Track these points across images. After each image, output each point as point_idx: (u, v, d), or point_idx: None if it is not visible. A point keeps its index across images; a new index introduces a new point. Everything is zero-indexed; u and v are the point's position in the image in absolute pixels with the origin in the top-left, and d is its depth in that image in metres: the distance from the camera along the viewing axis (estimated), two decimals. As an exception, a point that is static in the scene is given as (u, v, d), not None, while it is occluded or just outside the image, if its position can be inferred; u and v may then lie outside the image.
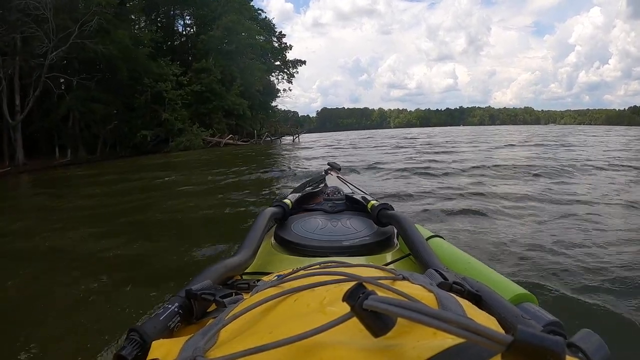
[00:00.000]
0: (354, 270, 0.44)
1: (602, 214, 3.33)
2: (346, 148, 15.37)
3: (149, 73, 19.91)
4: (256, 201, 4.59)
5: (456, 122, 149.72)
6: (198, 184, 6.54)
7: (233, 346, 0.31)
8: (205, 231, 3.61)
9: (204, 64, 22.65)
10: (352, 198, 1.29)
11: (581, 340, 0.33)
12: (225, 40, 23.90)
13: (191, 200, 4.98)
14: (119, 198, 5.57)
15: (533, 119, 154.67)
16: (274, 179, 6.66)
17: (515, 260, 2.28)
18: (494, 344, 0.21)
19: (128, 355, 0.42)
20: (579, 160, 7.64)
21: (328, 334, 0.28)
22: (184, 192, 5.78)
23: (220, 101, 23.03)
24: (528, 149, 11.66)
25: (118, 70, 19.74)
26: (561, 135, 21.45)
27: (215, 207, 4.46)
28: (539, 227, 3.01)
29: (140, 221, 4.12)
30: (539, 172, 5.92)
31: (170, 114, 20.53)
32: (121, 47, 19.12)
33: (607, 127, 56.71)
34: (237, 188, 5.82)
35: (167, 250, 2.90)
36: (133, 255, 2.84)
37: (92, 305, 1.96)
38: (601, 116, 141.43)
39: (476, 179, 5.64)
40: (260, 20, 33.11)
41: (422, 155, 10.21)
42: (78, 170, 13.15)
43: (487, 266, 0.76)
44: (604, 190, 4.50)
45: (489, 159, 8.51)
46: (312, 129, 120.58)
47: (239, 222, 3.66)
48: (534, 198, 4.06)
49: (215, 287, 0.57)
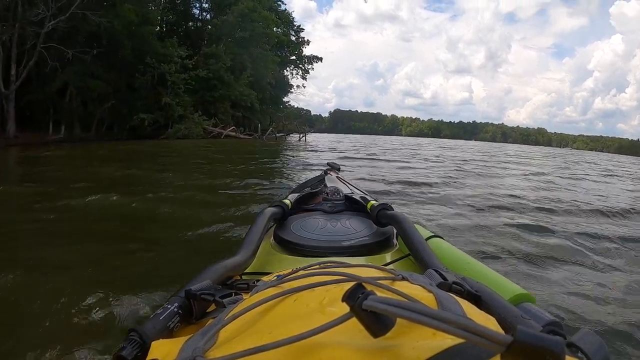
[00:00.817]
0: (354, 271, 0.44)
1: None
2: (364, 158, 11.64)
3: (153, 53, 18.27)
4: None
5: (468, 136, 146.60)
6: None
7: (233, 346, 0.31)
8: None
9: (213, 49, 20.96)
10: (351, 198, 1.28)
11: (581, 340, 0.32)
12: (238, 27, 22.16)
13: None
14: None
15: (545, 140, 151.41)
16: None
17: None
18: (493, 345, 0.21)
19: (128, 355, 0.42)
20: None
21: (327, 334, 0.28)
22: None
23: (227, 90, 21.29)
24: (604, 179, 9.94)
25: (121, 47, 18.22)
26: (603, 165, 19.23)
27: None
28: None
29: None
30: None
31: (172, 99, 18.87)
32: (125, 22, 17.57)
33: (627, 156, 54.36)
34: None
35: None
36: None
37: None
38: (614, 144, 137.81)
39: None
40: (280, 12, 31.41)
41: (470, 177, 7.78)
42: (61, 150, 11.54)
43: (486, 266, 0.75)
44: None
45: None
46: (323, 128, 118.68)
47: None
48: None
49: (214, 287, 0.57)
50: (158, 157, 9.96)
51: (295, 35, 33.87)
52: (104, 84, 18.45)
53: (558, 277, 2.25)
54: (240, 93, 21.78)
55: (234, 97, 21.63)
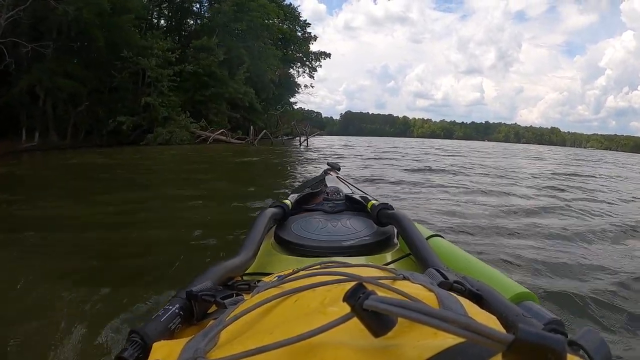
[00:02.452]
0: (354, 270, 0.43)
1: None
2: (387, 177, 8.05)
3: (132, 46, 15.08)
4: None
5: (481, 136, 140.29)
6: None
7: (234, 347, 0.30)
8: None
9: (204, 42, 17.56)
10: (352, 198, 1.23)
11: (582, 339, 0.32)
12: (234, 16, 18.81)
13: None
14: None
15: (559, 140, 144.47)
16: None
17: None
18: (495, 343, 0.20)
19: (129, 356, 0.41)
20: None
21: (329, 334, 0.27)
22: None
23: (221, 87, 17.90)
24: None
25: (94, 41, 15.14)
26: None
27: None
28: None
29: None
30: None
31: (155, 99, 15.62)
32: (96, 10, 14.45)
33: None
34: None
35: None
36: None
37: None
38: (629, 143, 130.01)
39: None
40: (285, 7, 28.11)
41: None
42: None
43: (487, 265, 0.74)
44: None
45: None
46: (334, 131, 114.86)
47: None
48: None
49: (215, 288, 0.55)
50: (94, 177, 6.71)
51: (301, 31, 30.51)
52: (77, 83, 15.47)
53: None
54: (235, 90, 18.33)
55: (228, 95, 18.22)
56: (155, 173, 7.13)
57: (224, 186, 5.54)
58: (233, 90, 18.30)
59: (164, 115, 15.64)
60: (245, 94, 19.02)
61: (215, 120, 18.09)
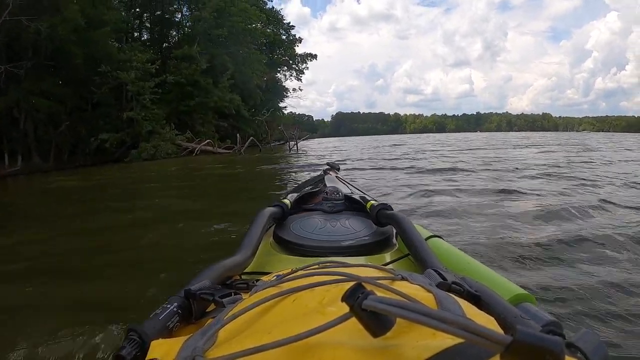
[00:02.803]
0: (353, 270, 0.43)
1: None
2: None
3: (109, 60, 14.51)
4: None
5: (473, 128, 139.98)
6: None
7: (232, 346, 0.30)
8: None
9: (185, 51, 17.04)
10: (351, 198, 1.23)
11: (580, 340, 0.32)
12: (214, 23, 18.26)
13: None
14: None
15: (551, 125, 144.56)
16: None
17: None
18: (493, 344, 0.20)
19: (127, 355, 0.40)
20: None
21: (327, 334, 0.27)
22: None
23: (206, 96, 17.34)
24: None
25: (72, 57, 14.56)
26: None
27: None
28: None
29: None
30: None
31: (137, 113, 15.04)
32: (72, 27, 13.86)
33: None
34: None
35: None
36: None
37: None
38: (621, 123, 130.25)
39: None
40: (267, 11, 27.60)
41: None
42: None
43: (486, 266, 0.73)
44: None
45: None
46: (326, 133, 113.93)
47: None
48: None
49: (214, 287, 0.55)
50: (73, 201, 6.22)
51: (286, 34, 30.03)
52: (55, 102, 14.88)
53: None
54: (220, 98, 17.77)
55: (213, 103, 17.66)
56: (133, 194, 6.56)
57: (200, 207, 4.94)
58: (218, 99, 17.76)
59: (147, 129, 15.05)
60: (231, 102, 18.48)
61: (202, 131, 17.53)
